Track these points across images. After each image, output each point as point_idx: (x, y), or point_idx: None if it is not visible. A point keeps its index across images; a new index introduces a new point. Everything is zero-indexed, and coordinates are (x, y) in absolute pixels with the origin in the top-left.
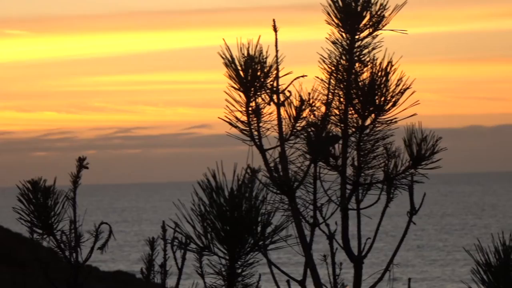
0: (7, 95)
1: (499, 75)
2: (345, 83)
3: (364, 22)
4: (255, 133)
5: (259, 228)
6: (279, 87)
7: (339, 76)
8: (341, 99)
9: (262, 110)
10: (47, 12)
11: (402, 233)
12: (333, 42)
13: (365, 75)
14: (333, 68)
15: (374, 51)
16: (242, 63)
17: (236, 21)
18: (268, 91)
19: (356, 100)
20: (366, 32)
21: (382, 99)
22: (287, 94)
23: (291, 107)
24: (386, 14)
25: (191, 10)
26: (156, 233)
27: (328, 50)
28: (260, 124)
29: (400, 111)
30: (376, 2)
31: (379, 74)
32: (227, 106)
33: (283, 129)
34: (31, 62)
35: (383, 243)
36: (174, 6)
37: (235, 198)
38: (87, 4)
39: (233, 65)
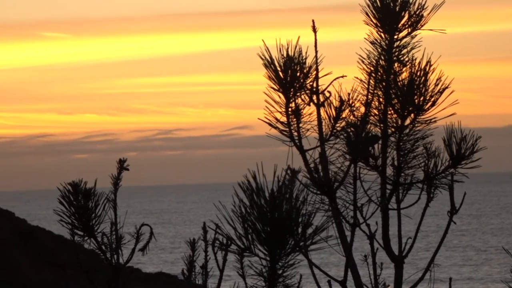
0: (48, 98)
1: None
2: (384, 83)
3: (402, 22)
4: (295, 133)
5: (299, 229)
6: (319, 87)
7: (378, 76)
8: (381, 99)
9: (301, 110)
10: (87, 15)
11: (443, 233)
12: (372, 43)
13: (404, 75)
14: (372, 68)
15: (413, 51)
16: (282, 64)
17: (275, 22)
18: (307, 91)
19: (396, 100)
20: (404, 32)
21: (421, 98)
22: (327, 94)
23: (330, 108)
24: (425, 14)
25: (230, 11)
26: (197, 234)
27: (367, 50)
28: (300, 125)
29: (439, 111)
30: (415, 2)
31: (418, 74)
32: (266, 107)
33: (323, 130)
34: (72, 64)
35: (424, 243)
36: (213, 7)
37: (275, 199)
38: (127, 7)
39: (272, 66)
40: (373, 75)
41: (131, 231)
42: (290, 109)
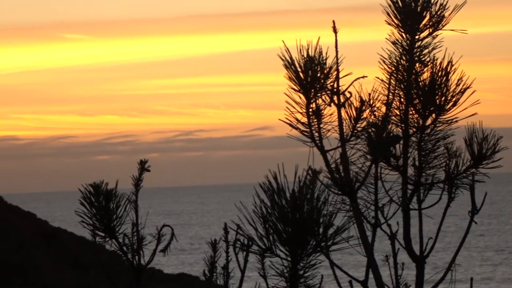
0: (69, 100)
1: None
2: (405, 83)
3: (424, 22)
4: (316, 134)
5: (321, 229)
6: (339, 88)
7: (399, 76)
8: (402, 99)
9: (322, 111)
10: (107, 16)
11: (463, 233)
12: (393, 43)
13: (425, 75)
14: (393, 69)
15: (434, 51)
16: (302, 64)
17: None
18: (328, 92)
19: (417, 100)
20: (426, 32)
21: (443, 99)
22: (348, 95)
23: (351, 108)
24: (446, 14)
25: (250, 12)
26: (218, 235)
27: (388, 50)
28: (321, 125)
29: (461, 111)
30: (436, 2)
31: (439, 74)
32: (287, 107)
33: (344, 130)
34: (92, 66)
35: (443, 243)
36: (234, 8)
37: (296, 200)
38: (147, 8)
39: (293, 66)
40: (394, 75)
41: (152, 232)
42: (310, 110)
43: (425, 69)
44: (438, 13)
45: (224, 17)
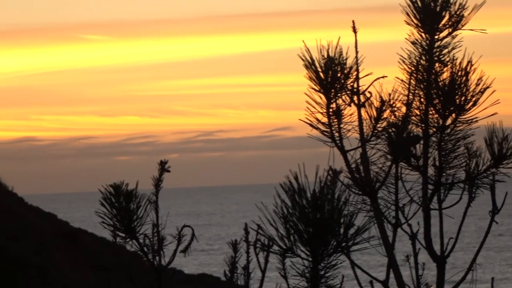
0: (89, 100)
1: None
2: (425, 83)
3: (443, 22)
4: (336, 134)
5: (341, 230)
6: (360, 88)
7: (419, 76)
8: (422, 99)
9: (342, 111)
10: (128, 17)
11: (484, 233)
12: (413, 43)
13: (445, 75)
14: (413, 69)
15: (454, 51)
16: (322, 64)
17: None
18: (348, 92)
19: (437, 100)
20: (445, 32)
21: (463, 98)
22: (368, 95)
23: (371, 108)
24: (465, 14)
25: (270, 13)
26: (238, 235)
27: (408, 50)
28: (341, 126)
29: (481, 111)
30: (455, 2)
31: (459, 73)
32: (307, 108)
33: (364, 130)
34: (112, 67)
35: (463, 243)
36: (254, 9)
37: (317, 200)
38: (167, 9)
39: (313, 66)
40: (414, 75)
41: (172, 232)
42: (331, 110)
43: (445, 69)
44: (458, 12)
45: (244, 17)
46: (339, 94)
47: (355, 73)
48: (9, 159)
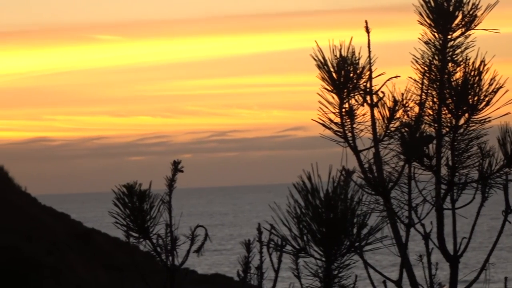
0: (102, 101)
1: None
2: (438, 83)
3: (456, 22)
4: (349, 134)
5: (354, 230)
6: (372, 88)
7: (432, 76)
8: (435, 99)
9: (355, 111)
10: (140, 17)
11: (497, 233)
12: (426, 43)
13: (458, 74)
14: (426, 68)
15: (467, 51)
16: (335, 64)
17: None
18: (361, 92)
19: (450, 100)
20: (458, 32)
21: (476, 98)
22: (381, 95)
23: (384, 108)
24: (478, 14)
25: (283, 12)
26: (251, 235)
27: (421, 50)
28: (354, 126)
29: (494, 110)
30: (468, 2)
31: (472, 73)
32: (320, 108)
33: (377, 130)
34: (125, 67)
35: (476, 242)
36: (267, 9)
37: (330, 200)
38: (180, 8)
39: (325, 67)
40: (427, 75)
41: (186, 232)
42: (343, 110)
43: (458, 69)
44: (471, 12)
45: (258, 17)
46: (351, 94)
47: (368, 73)
48: (22, 159)
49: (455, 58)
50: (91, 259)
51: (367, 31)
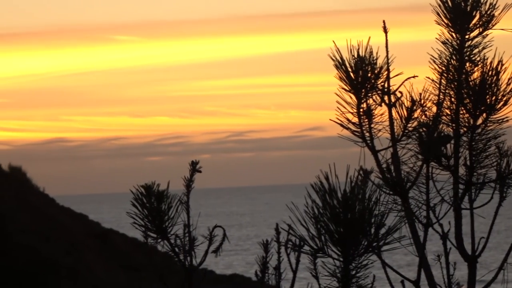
0: (120, 101)
1: None
2: (456, 83)
3: (474, 21)
4: (367, 134)
5: (372, 230)
6: (390, 88)
7: (449, 76)
8: (452, 99)
9: (373, 111)
10: (158, 18)
11: None
12: (443, 42)
13: (476, 74)
14: (443, 68)
15: (484, 51)
16: (353, 64)
17: (346, 23)
18: (379, 92)
19: (467, 100)
20: (476, 32)
21: (493, 98)
22: (398, 95)
23: (402, 108)
24: (496, 14)
25: (300, 13)
26: (269, 235)
27: (438, 50)
28: (372, 125)
29: None
30: (486, 2)
31: (490, 73)
32: (338, 108)
33: (395, 130)
34: (143, 67)
35: (493, 242)
36: (284, 9)
37: (348, 200)
38: (197, 9)
39: (343, 66)
40: (445, 75)
41: (204, 233)
42: (361, 110)
43: (476, 69)
44: (488, 12)
45: (274, 17)
46: (369, 94)
47: (386, 73)
48: (40, 160)
49: (473, 58)
50: (109, 259)
51: (385, 31)
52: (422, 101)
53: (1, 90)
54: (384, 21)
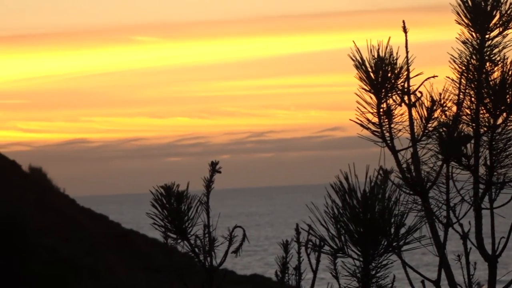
0: (140, 102)
1: None
2: (476, 83)
3: (494, 21)
4: (387, 134)
5: (392, 229)
6: (410, 88)
7: (469, 75)
8: (472, 99)
9: (393, 111)
10: (178, 18)
11: None
12: (463, 42)
13: (496, 74)
14: (463, 68)
15: (505, 50)
16: (373, 64)
17: (365, 24)
18: (399, 92)
19: (487, 99)
20: (496, 32)
21: None
22: (418, 95)
23: (422, 108)
24: None
25: (320, 13)
26: (289, 236)
27: (458, 50)
28: (392, 125)
29: None
30: (506, 1)
31: (510, 73)
32: (358, 108)
33: (415, 130)
34: (163, 68)
35: None
36: (303, 10)
37: (368, 200)
38: (217, 10)
39: (363, 67)
40: (465, 74)
41: (224, 233)
42: (381, 110)
43: (496, 68)
44: (508, 12)
45: (294, 18)
46: (389, 94)
47: (406, 73)
48: (60, 161)
49: (493, 58)
50: (129, 260)
51: (405, 31)
52: (442, 101)
53: (21, 91)
54: (403, 21)
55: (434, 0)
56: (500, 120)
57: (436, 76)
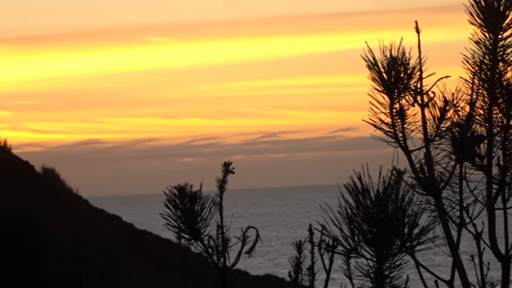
0: (153, 103)
1: None
2: (489, 83)
3: (507, 21)
4: (400, 134)
5: (406, 230)
6: (423, 88)
7: (482, 75)
8: (485, 99)
9: (406, 111)
10: (191, 19)
11: None
12: (476, 42)
13: (509, 74)
14: (476, 68)
15: None
16: (385, 65)
17: (378, 24)
18: (411, 92)
19: (500, 100)
20: (509, 32)
21: None
22: (431, 95)
23: (435, 108)
24: None
25: (333, 13)
26: (302, 236)
27: (471, 50)
28: (405, 126)
29: None
30: None
31: None
32: (370, 108)
33: (428, 130)
34: (176, 69)
35: None
36: (316, 10)
37: (381, 200)
38: (230, 10)
39: (376, 67)
40: (478, 74)
41: (237, 234)
42: (394, 110)
43: (509, 68)
44: None
45: (307, 18)
46: (402, 94)
47: (418, 73)
48: (73, 161)
49: (506, 58)
50: (142, 260)
51: (417, 31)
52: (455, 101)
53: (34, 92)
54: (416, 22)
55: (447, 0)
56: None
57: (449, 76)
